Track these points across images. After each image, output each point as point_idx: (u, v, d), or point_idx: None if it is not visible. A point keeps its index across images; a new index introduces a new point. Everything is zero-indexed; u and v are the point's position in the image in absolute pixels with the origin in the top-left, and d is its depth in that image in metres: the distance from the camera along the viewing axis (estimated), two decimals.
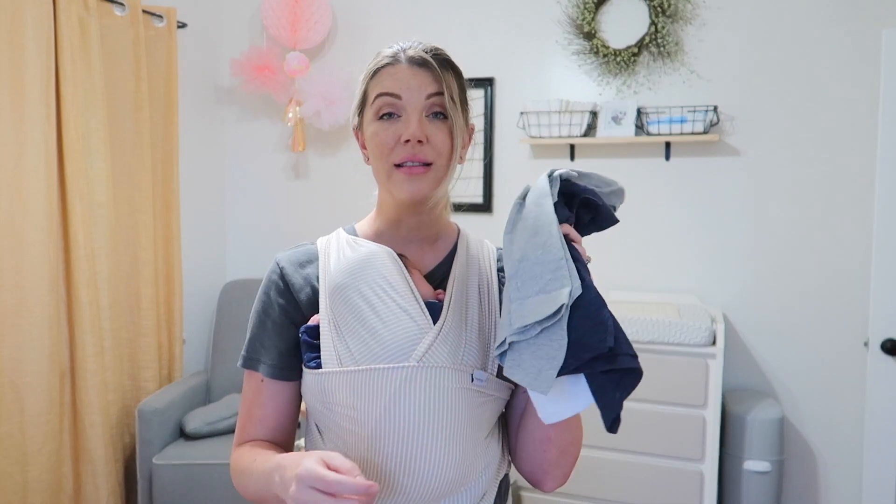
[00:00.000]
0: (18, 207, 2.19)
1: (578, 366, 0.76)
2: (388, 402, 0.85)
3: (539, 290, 0.78)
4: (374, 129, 0.92)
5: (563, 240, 0.80)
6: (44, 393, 2.25)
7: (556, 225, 0.80)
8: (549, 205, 0.81)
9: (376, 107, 0.91)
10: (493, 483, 0.93)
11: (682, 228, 2.62)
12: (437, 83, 0.91)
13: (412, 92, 0.90)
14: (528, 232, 0.82)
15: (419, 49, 0.92)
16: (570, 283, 0.77)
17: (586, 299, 0.77)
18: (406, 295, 0.90)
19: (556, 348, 0.76)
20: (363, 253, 0.94)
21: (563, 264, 0.78)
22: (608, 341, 0.75)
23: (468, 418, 0.87)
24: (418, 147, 0.89)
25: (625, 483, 2.24)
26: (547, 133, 2.66)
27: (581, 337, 0.76)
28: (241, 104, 3.20)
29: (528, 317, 0.77)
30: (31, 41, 2.19)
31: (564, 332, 0.76)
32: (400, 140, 0.89)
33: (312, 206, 3.11)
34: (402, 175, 0.90)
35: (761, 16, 2.49)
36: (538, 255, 0.80)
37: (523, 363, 0.78)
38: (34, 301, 2.22)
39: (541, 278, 0.79)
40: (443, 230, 1.01)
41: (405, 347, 0.86)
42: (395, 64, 0.91)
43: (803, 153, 2.47)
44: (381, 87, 0.91)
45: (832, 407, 2.47)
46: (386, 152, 0.90)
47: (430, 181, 0.91)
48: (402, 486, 0.84)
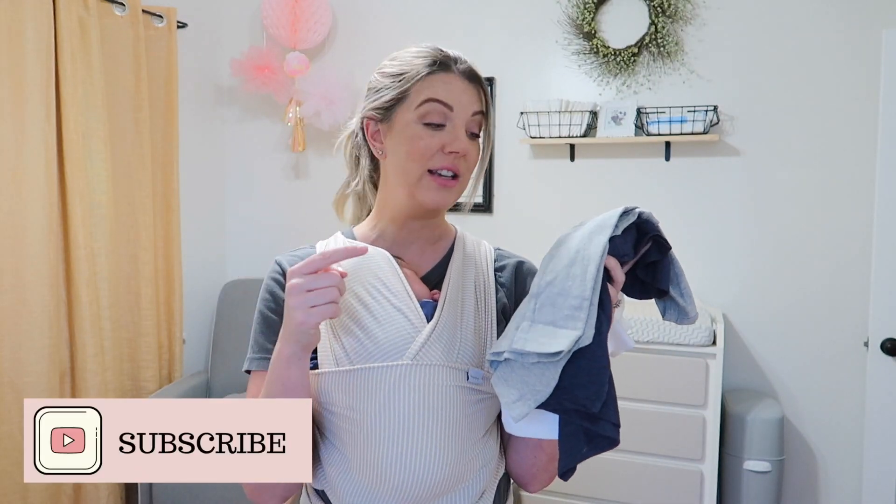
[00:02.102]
0: (18, 207, 2.19)
1: (559, 410, 0.76)
2: (383, 400, 0.85)
3: (552, 321, 0.77)
4: (416, 132, 0.91)
5: (598, 281, 0.77)
6: (44, 393, 2.25)
7: (596, 263, 0.77)
8: (601, 240, 0.78)
9: (424, 111, 0.90)
10: (491, 481, 0.93)
11: (682, 228, 2.62)
12: (480, 101, 0.94)
13: (463, 106, 0.91)
14: (568, 259, 0.80)
15: (468, 64, 0.94)
16: (582, 330, 0.75)
17: (592, 352, 0.75)
18: (401, 294, 0.91)
19: (543, 384, 0.75)
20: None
21: (585, 305, 0.76)
22: (595, 406, 0.74)
23: (464, 416, 0.88)
24: (459, 159, 0.91)
25: (625, 483, 2.24)
26: (547, 133, 2.66)
27: (572, 386, 0.75)
28: (241, 104, 3.20)
29: (529, 343, 0.76)
30: (31, 41, 2.19)
31: (557, 375, 0.75)
32: (443, 149, 0.90)
33: (312, 206, 3.10)
34: (433, 183, 0.91)
35: (761, 16, 2.49)
36: (566, 285, 0.78)
37: (510, 381, 0.77)
38: (34, 301, 2.22)
39: (559, 310, 0.77)
40: (442, 232, 1.02)
41: (399, 346, 0.87)
42: (448, 72, 0.92)
43: (803, 153, 2.47)
44: (433, 92, 0.91)
45: (832, 407, 2.47)
46: (426, 157, 0.91)
47: (455, 193, 0.94)
48: (399, 483, 0.84)
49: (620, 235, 0.79)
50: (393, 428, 0.85)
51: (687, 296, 0.84)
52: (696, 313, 0.85)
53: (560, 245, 0.83)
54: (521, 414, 0.75)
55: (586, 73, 2.70)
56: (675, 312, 0.85)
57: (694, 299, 0.86)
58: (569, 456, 0.77)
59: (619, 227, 0.79)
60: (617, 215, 0.80)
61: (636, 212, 0.80)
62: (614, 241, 0.79)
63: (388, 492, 0.85)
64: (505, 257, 1.03)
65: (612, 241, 0.79)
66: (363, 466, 0.86)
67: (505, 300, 0.98)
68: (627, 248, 0.80)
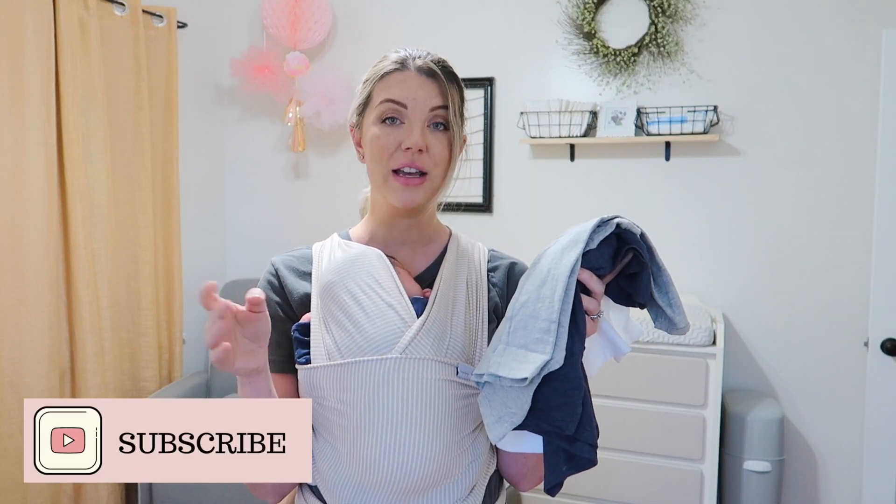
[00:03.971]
0: (18, 207, 2.19)
1: (538, 431, 0.77)
2: (371, 393, 0.86)
3: (523, 345, 0.77)
4: (375, 133, 0.93)
5: (567, 302, 0.76)
6: (44, 393, 2.25)
7: (563, 284, 0.76)
8: (570, 258, 0.77)
9: (380, 111, 0.93)
10: (482, 477, 0.94)
11: (682, 228, 2.62)
12: (442, 96, 0.93)
13: (418, 102, 0.92)
14: (539, 278, 0.79)
15: (428, 59, 0.94)
16: (551, 354, 0.74)
17: (564, 375, 0.75)
18: (392, 291, 0.92)
19: (518, 407, 0.76)
20: (352, 253, 0.96)
21: (553, 328, 0.75)
22: (569, 428, 0.75)
23: (452, 410, 0.88)
24: (418, 155, 0.91)
25: (625, 483, 2.24)
26: (547, 133, 2.66)
27: (546, 409, 0.75)
28: (241, 104, 3.20)
29: (502, 367, 0.77)
30: (31, 41, 2.19)
31: (529, 399, 0.75)
32: (401, 146, 0.91)
33: (312, 206, 3.11)
34: (397, 183, 0.92)
35: (761, 16, 2.49)
36: (536, 307, 0.78)
37: (492, 402, 0.78)
38: (34, 301, 2.22)
39: (529, 333, 0.77)
40: (434, 233, 1.03)
41: (389, 340, 0.88)
42: (403, 70, 0.93)
43: (803, 153, 2.47)
44: (387, 92, 0.92)
45: (832, 407, 2.47)
46: (385, 156, 0.92)
47: (424, 191, 0.93)
48: (388, 475, 0.86)
49: (596, 249, 0.79)
50: (382, 420, 0.86)
51: (676, 306, 0.83)
52: (687, 324, 0.84)
53: (536, 263, 0.82)
54: (500, 435, 0.76)
55: (586, 73, 2.70)
56: (665, 322, 0.85)
57: (684, 309, 0.85)
58: (552, 473, 0.78)
59: (594, 239, 0.78)
60: (590, 229, 0.79)
61: (614, 222, 0.79)
62: (588, 254, 0.78)
63: (377, 484, 0.86)
64: (498, 258, 1.04)
65: (587, 254, 0.78)
66: (353, 459, 0.87)
67: (497, 300, 0.99)
68: (603, 260, 0.80)
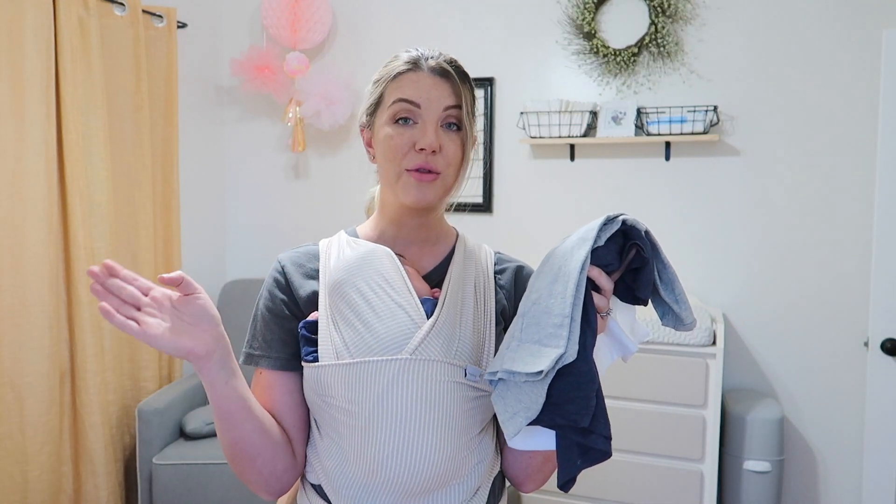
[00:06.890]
0: (18, 207, 2.19)
1: (552, 426, 0.78)
2: (381, 393, 0.86)
3: (537, 341, 0.79)
4: (388, 132, 0.93)
5: (578, 297, 0.78)
6: (44, 393, 2.25)
7: (575, 280, 0.78)
8: (580, 255, 0.79)
9: (393, 111, 0.93)
10: (486, 479, 0.94)
11: (682, 228, 2.62)
12: (455, 96, 0.93)
13: (431, 102, 0.92)
14: (551, 276, 0.81)
15: (440, 59, 0.94)
16: (565, 348, 0.76)
17: (577, 368, 0.77)
18: (402, 291, 0.92)
19: (533, 402, 0.77)
20: (362, 251, 0.96)
21: (566, 323, 0.77)
22: (584, 420, 0.76)
23: (460, 412, 0.89)
24: (431, 156, 0.91)
25: (625, 483, 2.24)
26: (547, 133, 2.66)
27: (560, 403, 0.76)
28: (241, 104, 3.20)
29: (516, 363, 0.78)
30: (31, 41, 2.19)
31: (544, 393, 0.76)
32: (414, 147, 0.91)
33: (312, 206, 3.11)
34: (411, 179, 0.92)
35: (761, 16, 2.49)
36: (549, 303, 0.79)
37: (506, 399, 0.80)
38: (34, 301, 2.22)
39: (543, 328, 0.79)
40: (443, 233, 1.04)
41: (399, 341, 0.88)
42: (416, 71, 0.93)
43: (803, 153, 2.47)
44: (400, 92, 0.92)
45: (832, 407, 2.47)
46: (399, 156, 0.92)
47: (437, 189, 0.93)
48: (394, 475, 0.86)
49: (604, 245, 0.80)
50: (390, 421, 0.86)
51: (682, 302, 0.84)
52: (693, 320, 0.85)
53: (545, 262, 0.84)
54: (515, 430, 0.77)
55: (586, 73, 2.70)
56: (672, 319, 0.86)
57: (690, 305, 0.86)
58: (566, 468, 0.79)
59: (601, 237, 0.80)
60: (597, 227, 0.80)
61: (620, 219, 0.81)
62: (597, 251, 0.80)
63: (384, 484, 0.86)
64: (505, 261, 1.05)
65: (595, 251, 0.80)
66: (360, 459, 0.87)
67: (504, 302, 0.99)
68: (611, 257, 0.81)
